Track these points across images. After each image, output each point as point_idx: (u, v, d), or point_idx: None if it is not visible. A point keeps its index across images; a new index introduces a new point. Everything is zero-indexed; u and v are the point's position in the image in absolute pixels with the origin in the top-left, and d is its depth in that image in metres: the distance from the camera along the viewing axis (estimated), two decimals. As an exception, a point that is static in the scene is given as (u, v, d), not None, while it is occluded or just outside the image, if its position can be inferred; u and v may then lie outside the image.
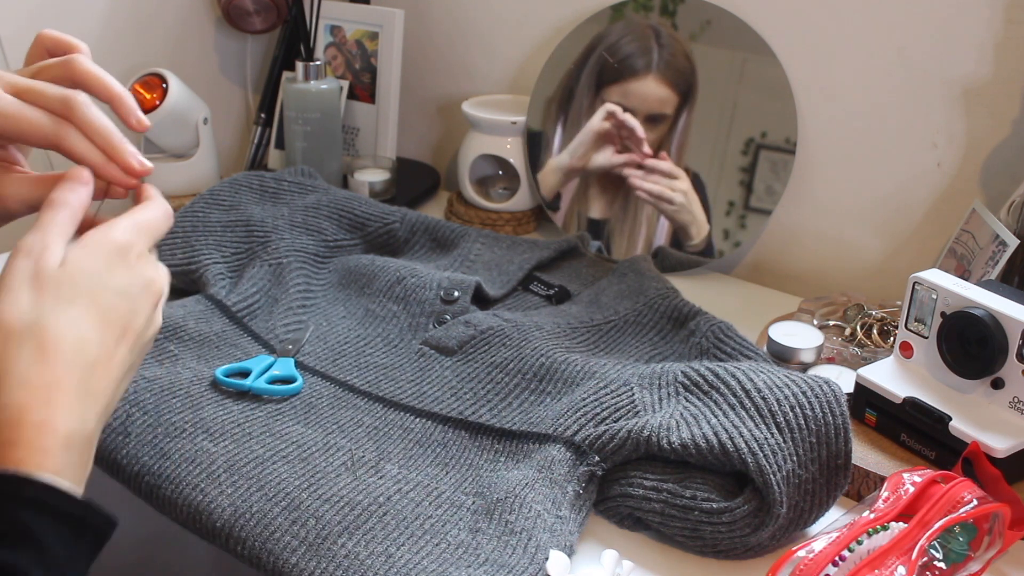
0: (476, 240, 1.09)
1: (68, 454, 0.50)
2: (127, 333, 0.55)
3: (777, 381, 0.75)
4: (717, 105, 1.15)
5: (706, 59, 1.15)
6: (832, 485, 0.73)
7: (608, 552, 0.69)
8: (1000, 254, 0.89)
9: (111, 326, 0.54)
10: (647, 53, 1.17)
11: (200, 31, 1.39)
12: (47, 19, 1.19)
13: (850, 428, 0.73)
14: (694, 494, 0.71)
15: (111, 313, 0.55)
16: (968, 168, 1.04)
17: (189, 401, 0.80)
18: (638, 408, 0.78)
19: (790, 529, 0.72)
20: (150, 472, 0.73)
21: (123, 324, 0.55)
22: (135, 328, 0.56)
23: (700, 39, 1.15)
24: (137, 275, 0.57)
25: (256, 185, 1.11)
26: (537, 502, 0.70)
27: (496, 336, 0.89)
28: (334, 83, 1.28)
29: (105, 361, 0.54)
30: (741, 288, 1.17)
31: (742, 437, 0.71)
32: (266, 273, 1.00)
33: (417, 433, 0.80)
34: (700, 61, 1.15)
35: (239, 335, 0.92)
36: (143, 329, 0.57)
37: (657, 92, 1.16)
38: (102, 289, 0.55)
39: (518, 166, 1.25)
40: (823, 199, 1.14)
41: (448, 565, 0.65)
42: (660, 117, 1.17)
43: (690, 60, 1.15)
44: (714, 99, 1.15)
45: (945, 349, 0.81)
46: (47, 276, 0.54)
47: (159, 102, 1.21)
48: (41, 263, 0.54)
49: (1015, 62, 0.98)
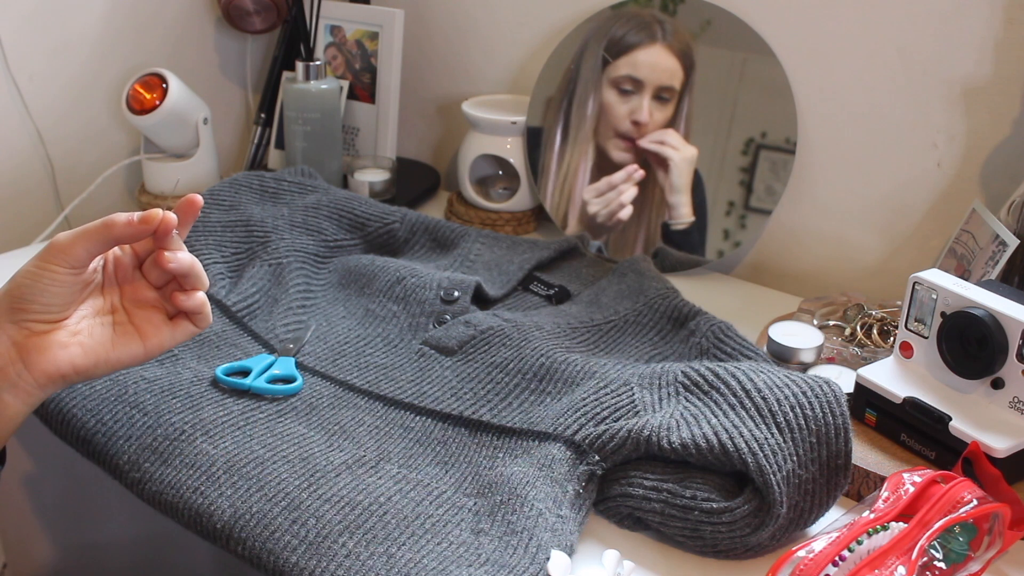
0: (476, 240, 1.09)
1: None
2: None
3: (777, 381, 0.75)
4: (717, 105, 1.15)
5: (706, 59, 1.15)
6: (832, 485, 0.73)
7: (609, 552, 0.69)
8: (1000, 254, 0.89)
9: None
10: (651, 27, 1.17)
11: (200, 31, 1.39)
12: (47, 19, 1.19)
13: (850, 428, 0.73)
14: (694, 494, 0.71)
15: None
16: (968, 168, 1.04)
17: (189, 402, 0.80)
18: (638, 408, 0.78)
19: (790, 529, 0.72)
20: (151, 479, 0.74)
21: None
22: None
23: (700, 39, 1.15)
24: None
25: (256, 185, 1.11)
26: (539, 500, 0.70)
27: (496, 336, 0.89)
28: (334, 83, 1.28)
29: None
30: (741, 288, 1.17)
31: (742, 437, 0.71)
32: (266, 273, 1.00)
33: (417, 432, 0.80)
34: (700, 61, 1.15)
35: (239, 335, 0.92)
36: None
37: (666, 62, 1.16)
38: None
39: (518, 166, 1.25)
40: (823, 199, 1.14)
41: (449, 564, 0.65)
42: (669, 92, 1.16)
43: (691, 50, 1.15)
44: (714, 99, 1.15)
45: (945, 349, 0.81)
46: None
47: (159, 102, 1.21)
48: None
49: (1015, 62, 0.98)
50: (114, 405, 0.79)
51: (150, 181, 1.28)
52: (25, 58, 1.18)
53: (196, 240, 1.02)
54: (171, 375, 0.83)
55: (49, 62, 1.21)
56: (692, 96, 1.16)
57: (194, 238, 1.03)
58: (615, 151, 1.19)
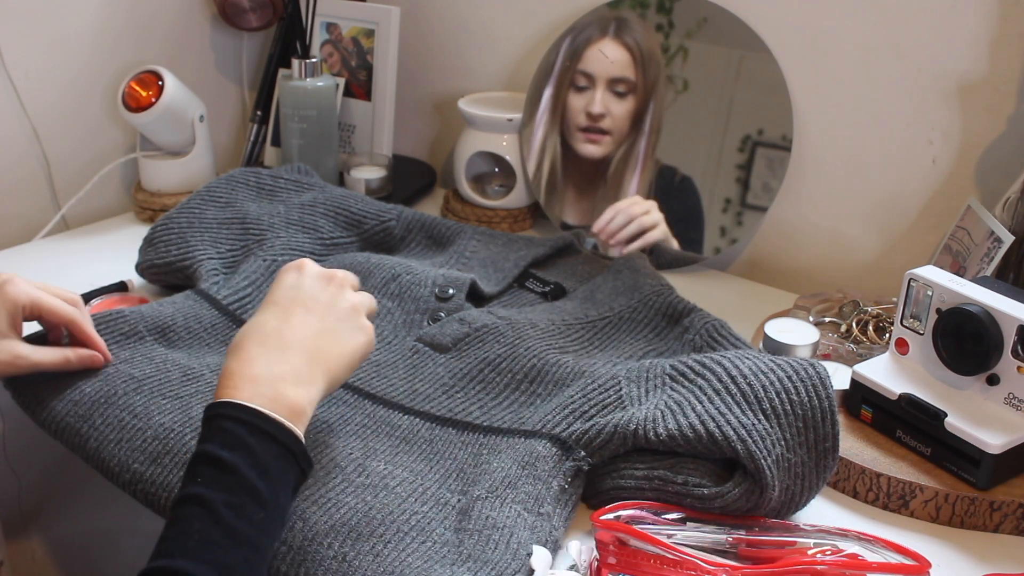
0: (472, 237, 1.09)
1: (255, 386, 0.65)
2: (294, 306, 0.72)
3: (763, 367, 0.75)
4: (713, 102, 1.15)
5: (702, 56, 1.15)
6: (821, 468, 0.73)
7: (573, 543, 0.69)
8: (995, 251, 0.89)
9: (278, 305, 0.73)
10: (605, 23, 1.19)
11: (196, 28, 1.38)
12: (43, 17, 1.19)
13: (836, 410, 0.73)
14: (685, 479, 0.72)
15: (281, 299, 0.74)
16: (963, 165, 1.04)
17: (179, 403, 0.80)
18: (625, 402, 0.78)
19: (781, 513, 0.73)
20: (142, 479, 0.74)
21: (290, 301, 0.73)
22: (303, 302, 0.73)
23: (696, 36, 1.15)
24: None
25: (253, 182, 1.11)
26: (518, 501, 0.70)
27: (490, 333, 0.89)
28: (330, 80, 1.28)
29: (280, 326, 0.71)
30: (737, 285, 1.17)
31: (730, 424, 0.71)
32: (260, 267, 1.00)
33: (404, 430, 0.80)
34: (696, 58, 1.15)
35: (230, 329, 0.92)
36: (316, 302, 0.73)
37: (614, 54, 1.17)
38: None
39: (514, 163, 1.25)
40: (819, 196, 1.14)
41: (434, 563, 0.65)
42: (624, 84, 1.17)
43: (649, 43, 1.16)
44: (710, 96, 1.15)
45: (941, 345, 0.81)
46: None
47: (155, 99, 1.21)
48: None
49: (1010, 58, 0.98)
50: (104, 408, 0.79)
51: (146, 178, 1.28)
52: (21, 56, 1.18)
53: (192, 236, 1.02)
54: (161, 373, 0.83)
55: (45, 60, 1.21)
56: (658, 100, 1.16)
57: (190, 234, 1.02)
58: (579, 145, 1.21)
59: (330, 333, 0.72)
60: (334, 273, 0.76)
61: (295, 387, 0.67)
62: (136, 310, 0.91)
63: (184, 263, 1.00)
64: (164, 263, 1.02)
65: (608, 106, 1.18)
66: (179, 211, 1.05)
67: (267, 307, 0.73)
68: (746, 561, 0.68)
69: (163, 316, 0.91)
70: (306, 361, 0.69)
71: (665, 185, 1.17)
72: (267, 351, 0.68)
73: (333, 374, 0.71)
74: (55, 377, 0.82)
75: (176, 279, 1.02)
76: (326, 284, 0.75)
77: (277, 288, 0.75)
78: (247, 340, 0.69)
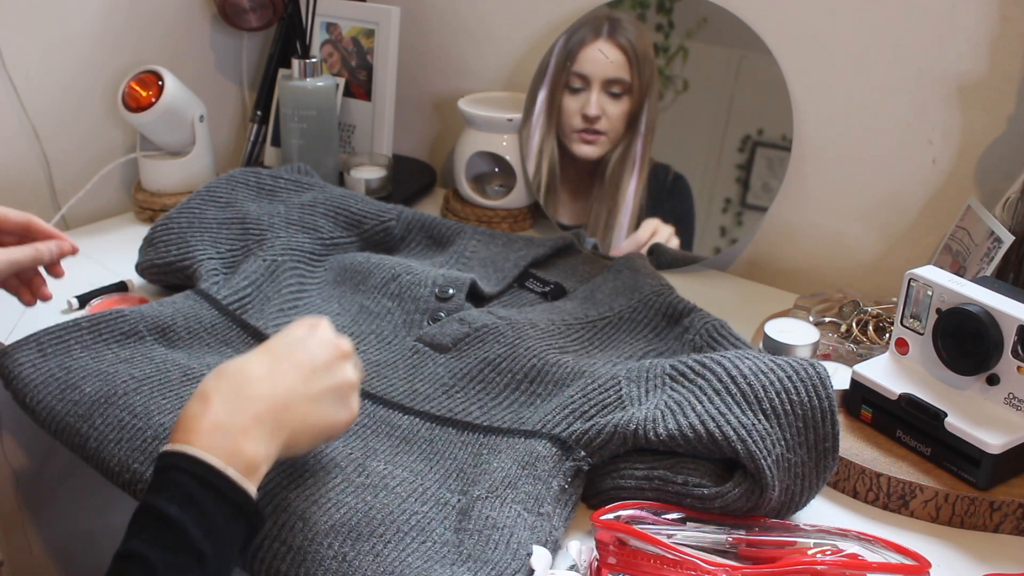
0: (472, 237, 1.09)
1: (212, 437, 0.62)
2: (285, 359, 0.69)
3: (763, 367, 0.75)
4: (714, 102, 1.15)
5: (702, 56, 1.15)
6: (821, 468, 0.73)
7: (571, 543, 0.69)
8: (995, 251, 0.89)
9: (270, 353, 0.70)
10: (598, 24, 1.19)
11: (196, 28, 1.38)
12: (43, 17, 1.19)
13: (836, 410, 0.73)
14: (685, 479, 0.72)
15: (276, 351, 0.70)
16: (963, 165, 1.04)
17: (179, 402, 0.80)
18: (625, 402, 0.78)
19: (782, 513, 0.73)
20: (142, 479, 0.74)
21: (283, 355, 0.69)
22: (296, 358, 0.69)
23: (696, 36, 1.15)
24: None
25: (253, 182, 1.11)
26: (518, 501, 0.70)
27: (490, 334, 0.89)
28: (330, 80, 1.28)
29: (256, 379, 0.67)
30: (737, 285, 1.17)
31: (729, 424, 0.71)
32: (260, 267, 1.00)
33: (404, 430, 0.80)
34: (696, 58, 1.15)
35: (229, 328, 0.92)
36: (310, 363, 0.70)
37: (610, 55, 1.17)
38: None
39: (514, 163, 1.25)
40: (819, 196, 1.14)
41: (434, 563, 0.65)
42: (619, 85, 1.18)
43: (649, 47, 1.16)
44: (711, 96, 1.15)
45: (941, 345, 0.81)
46: None
47: (155, 99, 1.21)
48: None
49: (1010, 59, 0.98)
50: (104, 408, 0.79)
51: (146, 178, 1.28)
52: (21, 56, 1.18)
53: (192, 236, 1.02)
54: (161, 373, 0.83)
55: (45, 60, 1.21)
56: (651, 101, 1.17)
57: (190, 234, 1.02)
58: (575, 146, 1.21)
59: (309, 399, 0.68)
60: (343, 346, 0.73)
61: (255, 442, 0.63)
62: (136, 310, 0.91)
63: (184, 263, 1.00)
64: (164, 263, 1.02)
65: (604, 107, 1.18)
66: (179, 211, 1.05)
67: (260, 351, 0.70)
68: (746, 561, 0.68)
69: (163, 316, 0.91)
70: (272, 417, 0.65)
71: (658, 183, 1.17)
72: (237, 398, 0.65)
73: (292, 440, 0.67)
74: (55, 377, 0.82)
75: (176, 279, 1.02)
76: (331, 351, 0.71)
77: (281, 335, 0.72)
78: (220, 381, 0.66)
